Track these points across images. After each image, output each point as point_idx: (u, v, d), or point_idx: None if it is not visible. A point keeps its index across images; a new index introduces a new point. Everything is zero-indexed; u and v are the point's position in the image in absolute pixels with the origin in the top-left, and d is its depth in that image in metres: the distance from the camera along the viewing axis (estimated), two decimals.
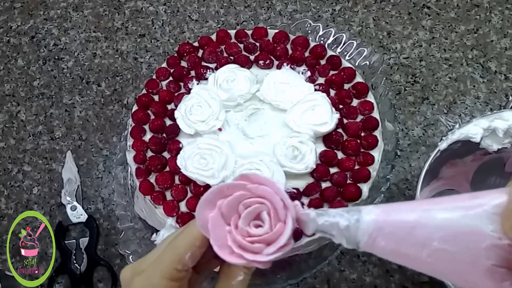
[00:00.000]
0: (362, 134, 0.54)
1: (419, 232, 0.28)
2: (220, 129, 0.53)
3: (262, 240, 0.31)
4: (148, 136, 0.55)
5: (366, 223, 0.29)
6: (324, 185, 0.52)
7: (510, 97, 0.67)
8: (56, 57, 0.75)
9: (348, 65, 0.58)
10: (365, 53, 0.62)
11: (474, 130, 0.50)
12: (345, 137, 0.54)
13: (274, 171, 0.49)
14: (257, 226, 0.32)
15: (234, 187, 0.32)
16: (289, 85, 0.54)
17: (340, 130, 0.54)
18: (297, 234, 0.49)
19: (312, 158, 0.50)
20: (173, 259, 0.33)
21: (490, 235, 0.27)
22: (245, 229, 0.31)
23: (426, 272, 0.30)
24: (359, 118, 0.55)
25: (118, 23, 0.77)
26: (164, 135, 0.55)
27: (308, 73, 0.56)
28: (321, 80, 0.57)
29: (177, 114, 0.54)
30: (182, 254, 0.33)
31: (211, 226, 0.31)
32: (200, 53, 0.60)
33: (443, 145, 0.50)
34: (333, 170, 0.52)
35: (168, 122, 0.56)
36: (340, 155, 0.53)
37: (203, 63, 0.58)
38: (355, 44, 0.62)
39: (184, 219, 0.50)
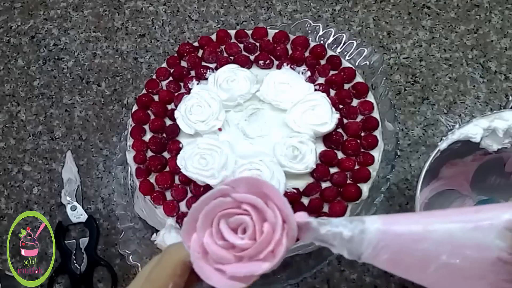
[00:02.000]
0: (362, 134, 0.54)
1: (425, 245, 0.28)
2: (220, 129, 0.53)
3: (267, 238, 0.29)
4: (148, 136, 0.55)
5: (371, 234, 0.28)
6: (324, 185, 0.52)
7: (510, 97, 0.67)
8: (56, 57, 0.75)
9: (348, 65, 0.58)
10: (365, 53, 0.62)
11: (474, 130, 0.50)
12: (345, 137, 0.54)
13: (274, 171, 0.49)
14: (244, 233, 0.30)
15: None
16: (289, 85, 0.54)
17: (340, 130, 0.54)
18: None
19: (312, 158, 0.50)
20: None
21: (498, 250, 0.27)
22: (248, 243, 0.30)
23: (429, 286, 0.29)
24: (359, 118, 0.55)
25: (118, 23, 0.77)
26: (164, 135, 0.55)
27: (308, 73, 0.56)
28: (321, 80, 0.57)
29: (177, 114, 0.54)
30: (164, 287, 0.30)
31: (230, 274, 0.30)
32: (200, 53, 0.60)
33: (443, 145, 0.50)
34: (333, 170, 0.52)
35: (168, 122, 0.56)
36: (340, 155, 0.53)
37: (203, 63, 0.58)
38: (355, 44, 0.62)
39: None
